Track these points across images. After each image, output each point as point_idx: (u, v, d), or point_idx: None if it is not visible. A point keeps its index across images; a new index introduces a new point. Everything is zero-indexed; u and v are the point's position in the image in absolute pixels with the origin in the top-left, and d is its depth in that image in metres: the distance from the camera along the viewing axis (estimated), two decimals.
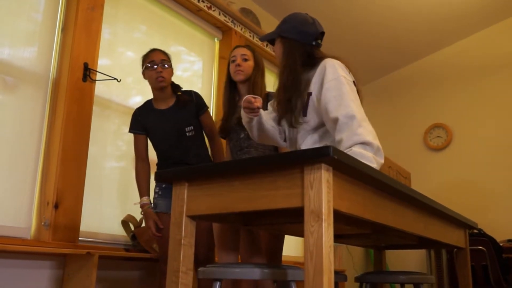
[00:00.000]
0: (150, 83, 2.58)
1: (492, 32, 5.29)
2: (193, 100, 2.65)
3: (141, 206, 2.54)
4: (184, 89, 2.70)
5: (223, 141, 2.70)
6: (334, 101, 1.85)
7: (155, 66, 2.52)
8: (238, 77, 2.45)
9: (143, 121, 2.61)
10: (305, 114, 1.98)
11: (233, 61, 2.48)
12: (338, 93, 1.86)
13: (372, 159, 1.70)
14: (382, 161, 1.76)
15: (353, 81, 1.96)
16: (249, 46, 2.59)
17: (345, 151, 1.68)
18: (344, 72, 1.92)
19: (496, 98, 5.16)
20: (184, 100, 2.61)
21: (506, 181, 4.91)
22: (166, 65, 2.55)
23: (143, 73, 2.60)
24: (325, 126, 1.95)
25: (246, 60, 2.47)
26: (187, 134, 2.59)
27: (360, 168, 1.27)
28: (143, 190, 2.56)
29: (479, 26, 5.28)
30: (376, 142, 1.77)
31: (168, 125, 2.58)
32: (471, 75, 5.37)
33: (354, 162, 1.25)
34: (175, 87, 2.66)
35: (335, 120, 1.82)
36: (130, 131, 2.63)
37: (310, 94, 1.97)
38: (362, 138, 1.75)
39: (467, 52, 5.41)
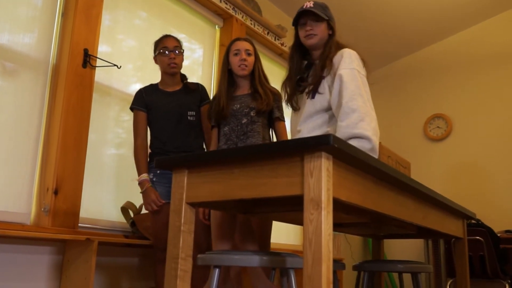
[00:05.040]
0: (162, 68, 2.68)
1: (494, 22, 5.26)
2: (199, 90, 2.76)
3: (141, 183, 2.54)
4: (186, 77, 2.81)
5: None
6: (343, 92, 1.88)
7: (168, 52, 2.61)
8: (242, 72, 2.50)
9: (147, 99, 2.65)
10: (313, 96, 2.01)
11: (236, 54, 2.50)
12: (347, 85, 1.88)
13: None
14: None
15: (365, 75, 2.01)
16: (249, 39, 2.61)
17: None
18: (359, 65, 1.98)
19: (496, 89, 5.15)
20: (191, 87, 2.73)
21: (505, 172, 4.91)
22: (178, 52, 2.65)
23: (155, 58, 2.70)
24: (328, 111, 1.97)
25: (249, 54, 2.52)
26: (189, 118, 2.65)
27: (360, 157, 1.27)
28: (143, 166, 2.56)
29: (481, 17, 5.25)
30: (374, 139, 1.78)
31: (173, 105, 2.64)
32: (471, 66, 5.35)
33: (355, 151, 1.25)
34: (182, 76, 2.77)
35: (340, 109, 1.85)
36: (131, 107, 2.67)
37: (323, 77, 1.99)
38: (362, 132, 1.76)
39: (469, 43, 5.39)
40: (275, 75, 4.40)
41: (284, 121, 2.60)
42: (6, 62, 2.49)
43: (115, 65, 2.93)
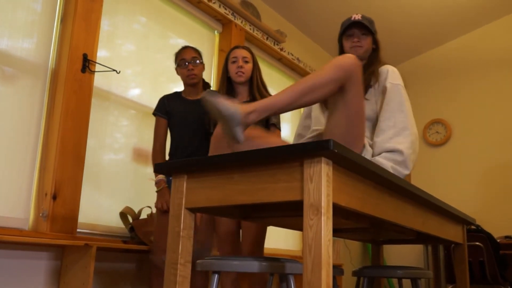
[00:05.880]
0: (182, 79, 2.74)
1: (492, 28, 5.28)
2: None
3: (158, 182, 2.58)
4: (209, 85, 2.89)
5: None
6: (385, 106, 1.96)
7: (186, 64, 2.67)
8: (239, 79, 2.52)
9: (168, 106, 2.70)
10: None
11: (234, 61, 2.53)
12: (390, 101, 1.96)
13: (389, 169, 1.76)
14: (406, 172, 1.82)
15: None
16: (247, 47, 2.63)
17: (370, 158, 1.76)
18: (402, 82, 2.06)
19: (496, 94, 5.16)
20: None
21: (504, 177, 4.91)
22: (197, 61, 2.70)
23: (176, 70, 2.76)
24: (373, 120, 2.04)
25: (247, 62, 2.55)
26: (207, 127, 2.66)
27: (359, 163, 1.27)
28: None
29: (480, 22, 5.27)
30: (408, 152, 1.84)
31: (193, 113, 2.68)
32: (471, 71, 5.36)
33: (354, 156, 1.24)
34: (206, 84, 2.82)
35: (378, 123, 1.95)
36: (153, 113, 2.74)
37: (370, 86, 2.08)
38: (394, 146, 1.85)
39: (467, 48, 5.40)
40: (274, 80, 4.40)
41: (279, 129, 2.60)
42: (5, 67, 2.49)
43: (114, 70, 2.93)
